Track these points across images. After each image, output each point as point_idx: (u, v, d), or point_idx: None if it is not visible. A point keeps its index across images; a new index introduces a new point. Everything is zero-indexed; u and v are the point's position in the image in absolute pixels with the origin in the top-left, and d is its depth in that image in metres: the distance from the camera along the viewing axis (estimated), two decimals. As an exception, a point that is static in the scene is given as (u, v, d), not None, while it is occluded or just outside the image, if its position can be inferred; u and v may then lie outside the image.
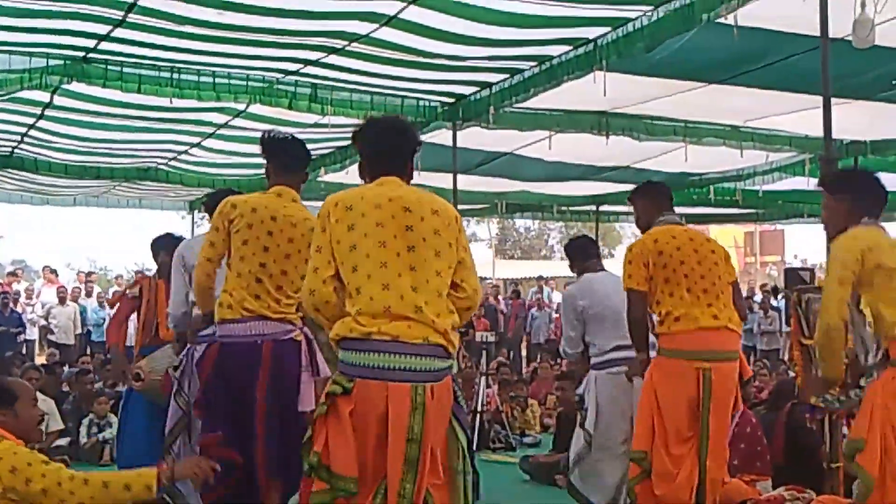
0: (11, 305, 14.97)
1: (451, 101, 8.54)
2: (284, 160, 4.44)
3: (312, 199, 6.65)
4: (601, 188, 13.27)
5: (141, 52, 7.10)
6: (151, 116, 8.94)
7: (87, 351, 14.96)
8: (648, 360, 4.83)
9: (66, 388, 9.65)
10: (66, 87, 7.71)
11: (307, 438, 3.29)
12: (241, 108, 8.55)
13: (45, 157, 11.04)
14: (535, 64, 7.33)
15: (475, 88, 8.20)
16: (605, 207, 14.90)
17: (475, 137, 9.33)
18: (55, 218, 54.64)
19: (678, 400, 4.61)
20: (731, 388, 4.70)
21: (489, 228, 40.31)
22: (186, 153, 10.99)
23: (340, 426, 3.17)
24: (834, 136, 5.60)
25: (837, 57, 5.68)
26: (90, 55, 7.20)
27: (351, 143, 3.78)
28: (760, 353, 15.42)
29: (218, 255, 4.27)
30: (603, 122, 8.76)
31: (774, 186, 11.86)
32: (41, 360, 13.87)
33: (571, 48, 6.90)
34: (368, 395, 3.15)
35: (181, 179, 12.29)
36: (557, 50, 6.99)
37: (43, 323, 15.64)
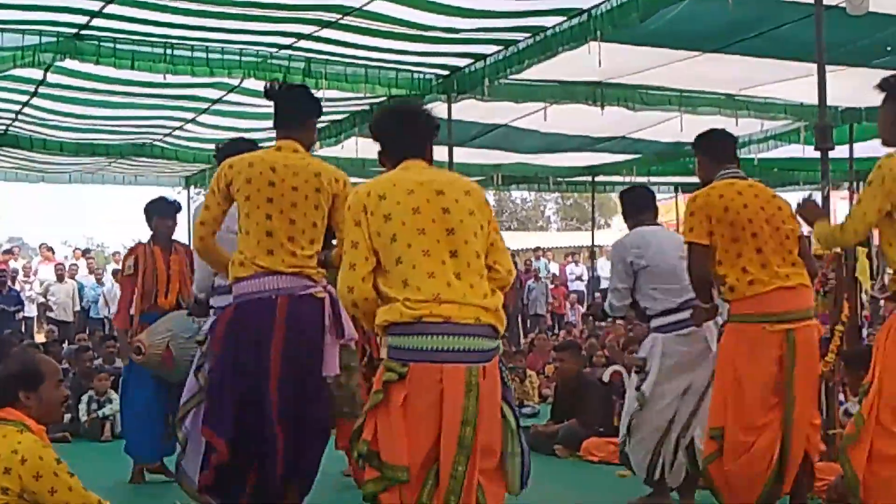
0: (9, 283, 14.95)
1: (445, 73, 8.52)
2: (286, 111, 4.17)
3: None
4: (597, 159, 13.29)
5: (134, 27, 7.08)
6: (145, 92, 8.92)
7: (85, 328, 14.99)
8: (715, 309, 4.57)
9: (65, 365, 9.68)
10: (59, 64, 7.68)
11: (357, 426, 3.23)
12: (234, 83, 8.52)
13: (39, 134, 11.02)
14: (529, 35, 7.31)
15: (470, 61, 8.18)
16: (600, 178, 14.89)
17: (470, 110, 9.33)
18: (51, 195, 54.46)
19: (761, 368, 4.27)
20: (815, 349, 4.42)
21: (486, 200, 40.12)
22: (181, 129, 10.96)
23: (391, 413, 3.11)
24: (829, 103, 5.62)
25: (832, 24, 5.68)
26: (83, 32, 7.17)
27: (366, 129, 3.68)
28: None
29: (212, 217, 4.01)
30: (598, 92, 8.76)
31: (770, 154, 11.88)
32: (40, 337, 13.88)
33: (566, 19, 6.88)
34: (423, 378, 3.09)
35: (176, 155, 12.27)
36: (552, 21, 6.98)
37: (41, 300, 15.63)
